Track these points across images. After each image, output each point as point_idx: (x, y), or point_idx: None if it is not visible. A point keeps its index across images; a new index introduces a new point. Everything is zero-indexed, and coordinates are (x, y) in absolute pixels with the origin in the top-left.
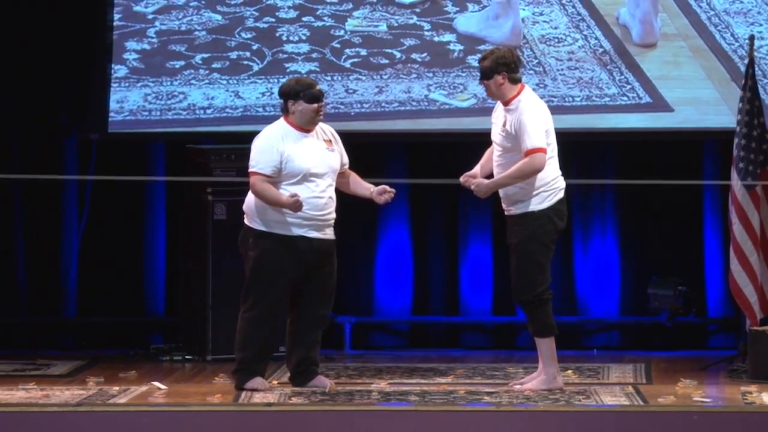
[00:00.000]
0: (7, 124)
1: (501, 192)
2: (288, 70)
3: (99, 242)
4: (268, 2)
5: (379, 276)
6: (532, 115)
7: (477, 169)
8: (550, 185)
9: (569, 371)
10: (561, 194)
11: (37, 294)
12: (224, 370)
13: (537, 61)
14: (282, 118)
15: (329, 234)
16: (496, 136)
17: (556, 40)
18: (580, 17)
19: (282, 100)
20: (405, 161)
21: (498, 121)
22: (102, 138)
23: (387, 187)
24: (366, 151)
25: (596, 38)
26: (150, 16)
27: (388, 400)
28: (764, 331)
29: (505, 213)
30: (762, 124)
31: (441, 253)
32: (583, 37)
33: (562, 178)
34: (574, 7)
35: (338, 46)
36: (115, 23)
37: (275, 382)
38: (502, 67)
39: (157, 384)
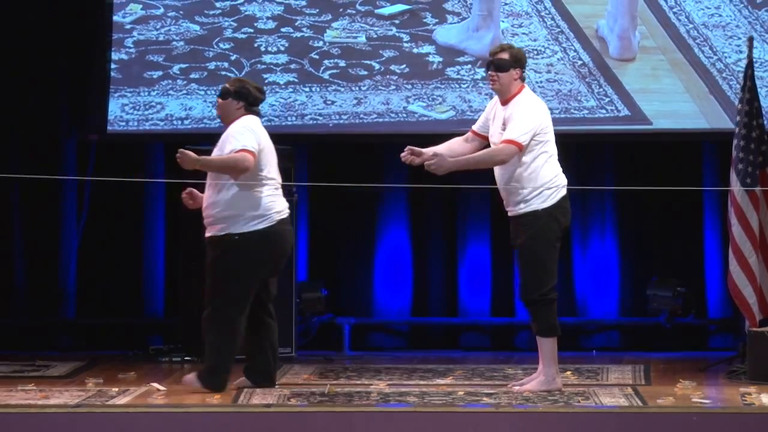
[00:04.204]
0: (6, 124)
1: (503, 193)
2: (266, 81)
3: (98, 243)
4: (247, 13)
5: (378, 277)
6: (526, 112)
7: (435, 149)
8: (551, 183)
9: (568, 372)
10: (563, 191)
11: (36, 295)
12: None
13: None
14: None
15: (207, 232)
16: (496, 135)
17: (535, 52)
18: (559, 30)
19: (242, 101)
20: (404, 164)
21: (497, 122)
22: (101, 139)
23: None
24: (366, 151)
25: (575, 51)
26: (128, 26)
27: (387, 401)
28: (763, 333)
29: (509, 214)
30: (761, 125)
31: (440, 255)
32: (562, 49)
33: (563, 175)
34: (553, 19)
35: (317, 57)
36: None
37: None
38: (518, 63)
39: (156, 385)
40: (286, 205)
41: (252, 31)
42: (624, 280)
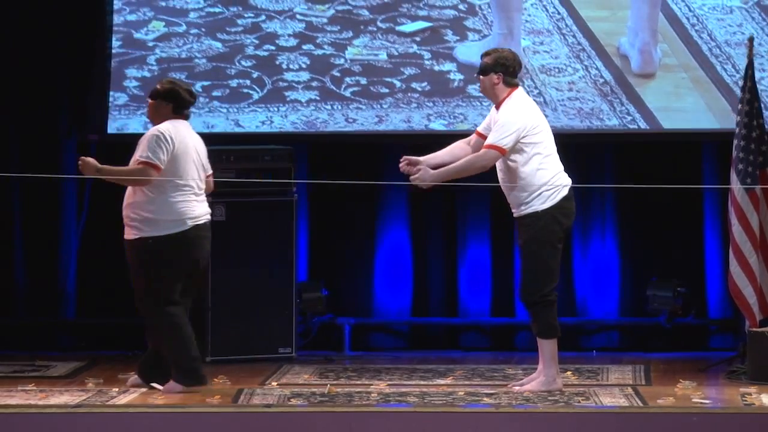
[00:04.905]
0: (6, 124)
1: (506, 194)
2: (288, 99)
3: (98, 243)
4: (269, 30)
5: (378, 277)
6: (510, 115)
7: (428, 157)
8: (550, 183)
9: (568, 372)
10: (565, 191)
11: (36, 295)
12: (224, 372)
13: (537, 91)
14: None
15: (126, 234)
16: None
17: (557, 70)
18: (580, 47)
19: (171, 103)
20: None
21: (493, 125)
22: (101, 139)
23: None
24: (365, 152)
25: (597, 68)
26: (150, 44)
27: (387, 402)
28: (763, 333)
29: (514, 215)
30: (761, 125)
31: (440, 255)
32: (584, 67)
33: (565, 174)
34: (574, 36)
35: (338, 74)
36: (115, 50)
37: (275, 383)
38: (500, 68)
39: (156, 385)
40: (207, 211)
41: (273, 48)
42: (624, 280)
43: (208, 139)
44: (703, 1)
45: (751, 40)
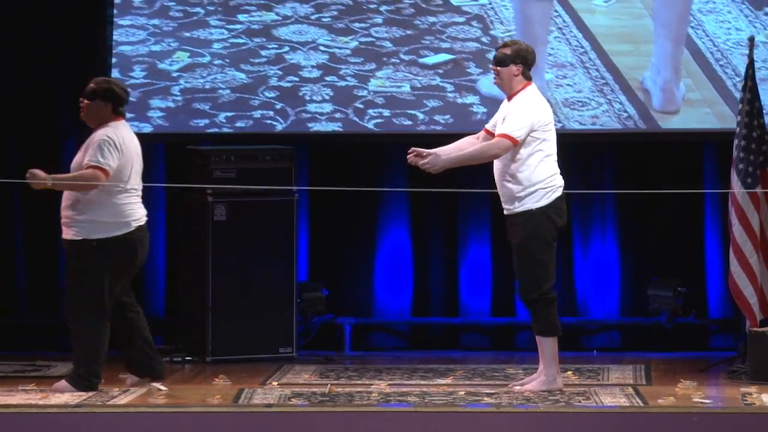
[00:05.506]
0: (7, 124)
1: (500, 190)
2: (311, 130)
3: None
4: (292, 61)
5: (378, 277)
6: (525, 108)
7: (444, 148)
8: (547, 183)
9: (569, 372)
10: (559, 192)
11: (36, 295)
12: (224, 371)
13: (561, 125)
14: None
15: (64, 233)
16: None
17: (580, 104)
18: (603, 81)
19: (110, 102)
20: (404, 164)
21: (502, 117)
22: None
23: None
24: (366, 152)
25: (620, 103)
26: (174, 74)
27: (388, 401)
28: (764, 333)
29: (505, 212)
30: (762, 125)
31: (440, 255)
32: (607, 101)
33: (560, 176)
34: (597, 70)
35: (361, 106)
36: (139, 81)
37: (275, 383)
38: (520, 59)
39: (156, 385)
40: (145, 212)
41: (297, 79)
42: (625, 280)
43: (209, 139)
44: (728, 35)
45: (751, 39)
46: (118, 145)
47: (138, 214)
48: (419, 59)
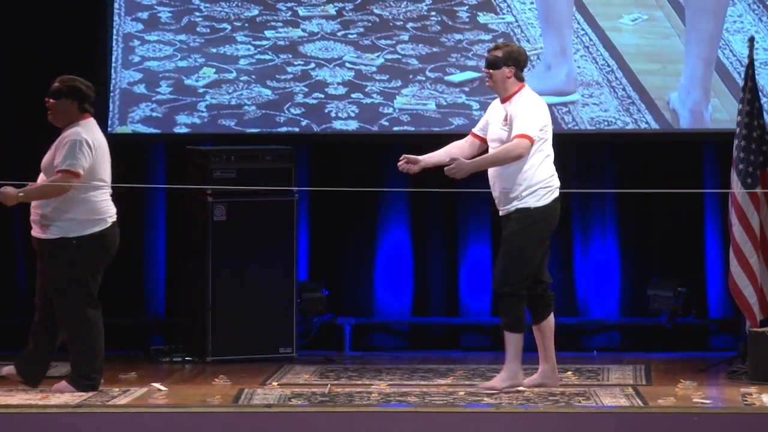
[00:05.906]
0: (6, 125)
1: (497, 191)
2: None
3: None
4: (318, 78)
5: (378, 277)
6: (531, 107)
7: (426, 157)
8: (547, 183)
9: (569, 372)
10: (556, 193)
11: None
12: (224, 372)
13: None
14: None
15: (37, 232)
16: (496, 132)
17: (606, 123)
18: (630, 101)
19: (77, 100)
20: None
21: (497, 118)
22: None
23: None
24: (366, 153)
25: (647, 122)
26: (201, 90)
27: (388, 402)
28: (764, 333)
29: (500, 213)
30: (762, 125)
31: (440, 255)
32: (633, 120)
33: (557, 178)
34: (624, 90)
35: (387, 123)
36: (165, 96)
37: (275, 383)
38: (512, 61)
39: (157, 385)
40: (115, 208)
41: (323, 96)
42: (625, 280)
43: (209, 139)
44: (756, 56)
45: (751, 39)
46: (91, 144)
47: (112, 210)
48: (445, 77)
